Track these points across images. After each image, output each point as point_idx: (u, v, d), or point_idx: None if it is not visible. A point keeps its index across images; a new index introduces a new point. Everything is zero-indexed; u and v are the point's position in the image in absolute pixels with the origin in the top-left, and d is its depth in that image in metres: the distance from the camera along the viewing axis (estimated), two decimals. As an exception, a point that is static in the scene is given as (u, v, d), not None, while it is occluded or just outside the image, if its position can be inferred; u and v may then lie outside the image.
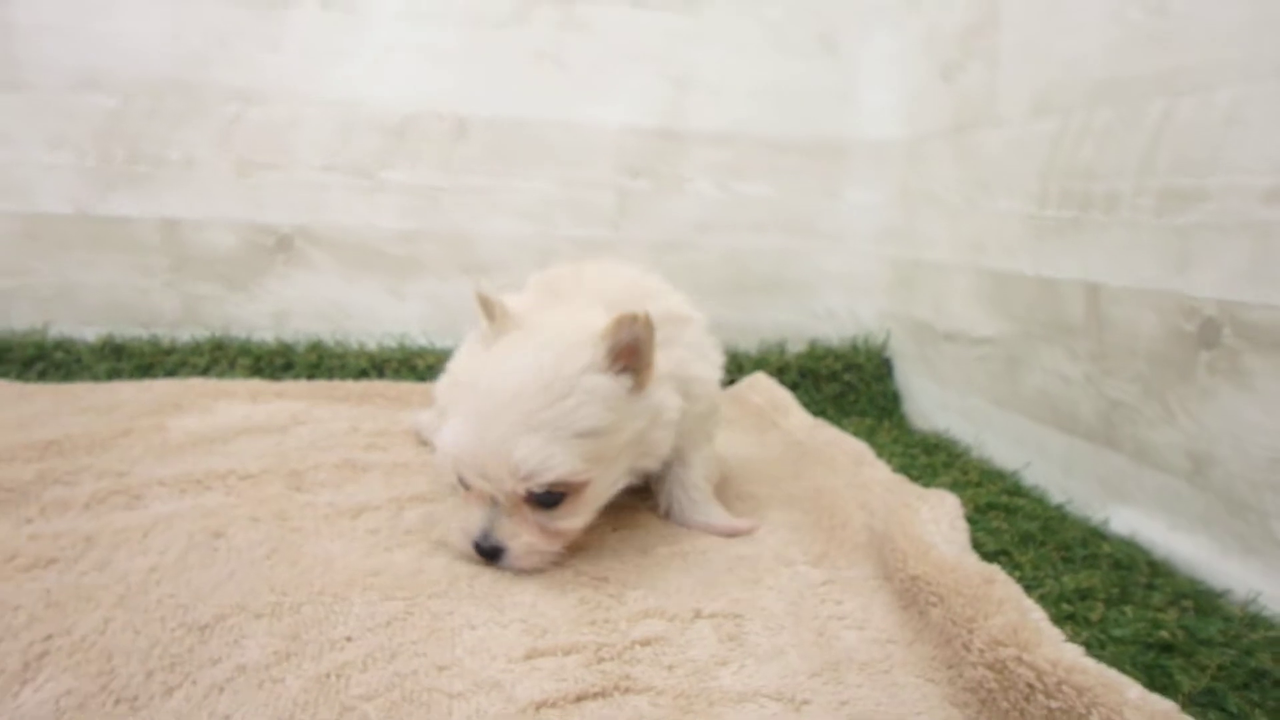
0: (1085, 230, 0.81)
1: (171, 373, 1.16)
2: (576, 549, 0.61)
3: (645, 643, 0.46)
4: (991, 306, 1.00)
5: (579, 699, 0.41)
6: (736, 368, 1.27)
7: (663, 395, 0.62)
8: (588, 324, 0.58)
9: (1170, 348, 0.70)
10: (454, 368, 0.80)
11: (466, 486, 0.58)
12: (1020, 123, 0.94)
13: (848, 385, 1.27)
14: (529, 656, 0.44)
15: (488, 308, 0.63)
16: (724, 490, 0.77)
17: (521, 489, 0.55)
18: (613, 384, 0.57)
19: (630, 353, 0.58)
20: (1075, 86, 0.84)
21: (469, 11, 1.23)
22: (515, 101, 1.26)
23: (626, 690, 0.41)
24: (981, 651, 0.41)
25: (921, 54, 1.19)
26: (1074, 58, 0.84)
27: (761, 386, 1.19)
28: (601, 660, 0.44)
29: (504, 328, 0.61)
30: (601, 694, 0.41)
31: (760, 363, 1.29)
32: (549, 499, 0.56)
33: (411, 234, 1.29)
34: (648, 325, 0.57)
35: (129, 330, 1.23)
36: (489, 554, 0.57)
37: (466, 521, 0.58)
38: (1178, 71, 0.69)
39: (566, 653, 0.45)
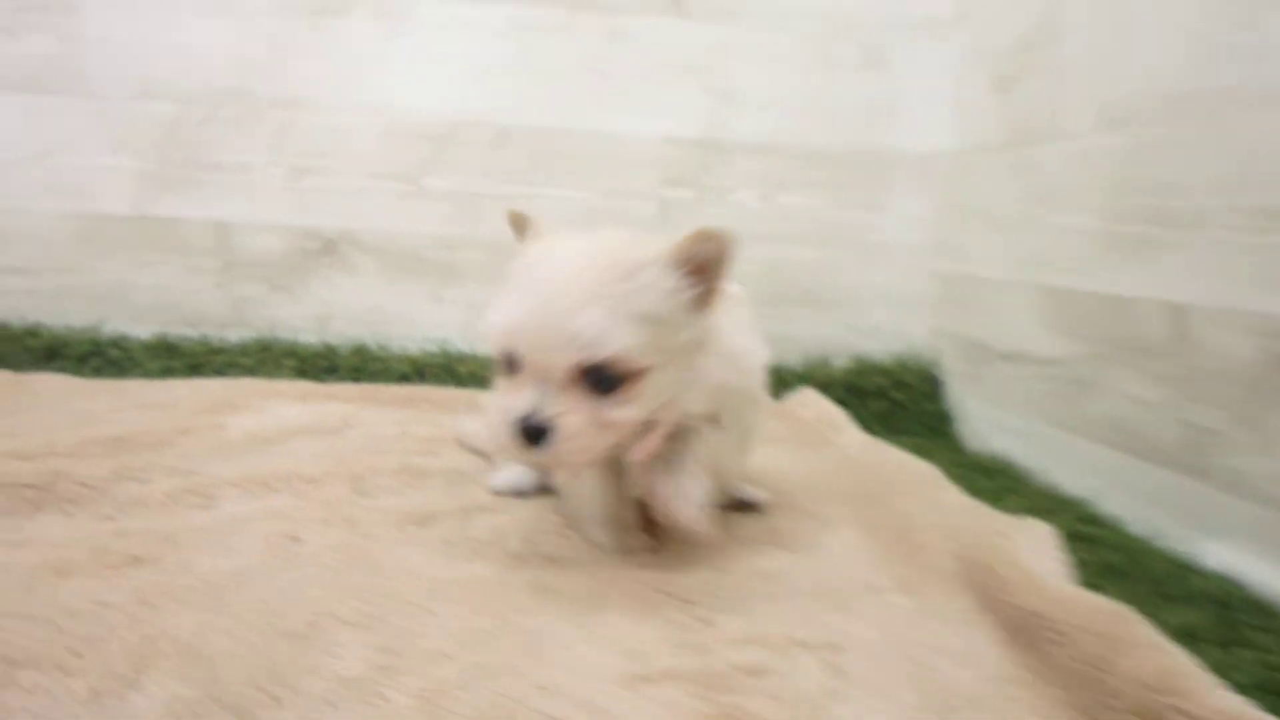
0: (1165, 248, 0.79)
1: (220, 372, 1.17)
2: (657, 562, 0.59)
3: (750, 672, 0.44)
4: (1055, 326, 0.97)
5: (692, 727, 0.39)
6: (780, 382, 1.25)
7: (717, 326, 0.58)
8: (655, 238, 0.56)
9: (1269, 371, 0.67)
10: None
11: (513, 370, 0.54)
12: (1086, 136, 0.92)
13: (896, 403, 1.25)
14: (631, 681, 0.43)
15: (520, 223, 0.60)
16: (788, 510, 0.75)
17: (578, 359, 0.52)
18: (677, 283, 0.54)
19: (700, 269, 0.55)
20: (1150, 101, 0.82)
21: (513, 22, 1.24)
22: (558, 111, 1.26)
23: (741, 720, 0.40)
24: (1126, 696, 0.38)
25: (971, 67, 1.18)
26: (1148, 71, 0.82)
27: (810, 401, 1.17)
28: (708, 688, 0.42)
29: (540, 234, 0.59)
30: (716, 723, 0.39)
31: (804, 377, 1.27)
32: (605, 382, 0.53)
33: (453, 240, 1.30)
34: (725, 246, 0.54)
35: (178, 329, 1.24)
36: (533, 434, 0.52)
37: (512, 402, 0.53)
38: (1275, 87, 0.67)
39: (669, 678, 0.43)
